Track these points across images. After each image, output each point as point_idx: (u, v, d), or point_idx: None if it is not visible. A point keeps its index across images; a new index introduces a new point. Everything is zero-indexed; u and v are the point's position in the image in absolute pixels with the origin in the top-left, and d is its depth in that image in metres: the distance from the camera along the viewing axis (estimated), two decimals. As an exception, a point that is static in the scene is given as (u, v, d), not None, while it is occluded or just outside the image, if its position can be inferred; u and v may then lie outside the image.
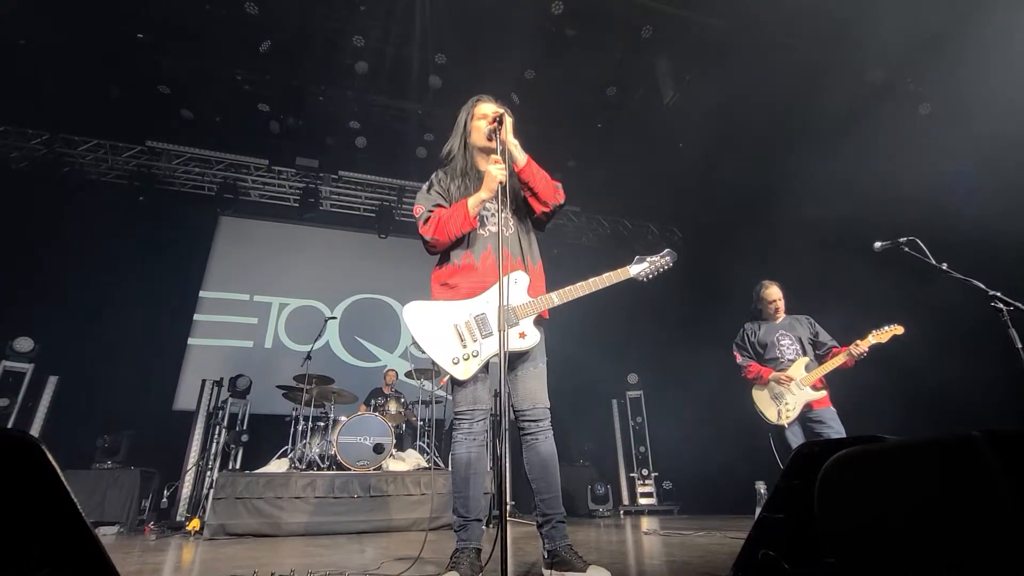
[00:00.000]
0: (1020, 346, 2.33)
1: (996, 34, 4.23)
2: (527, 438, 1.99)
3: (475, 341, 1.92)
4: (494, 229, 2.08)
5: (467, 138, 2.20)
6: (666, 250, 2.16)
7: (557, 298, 1.97)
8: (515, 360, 2.03)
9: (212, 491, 4.28)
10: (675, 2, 5.21)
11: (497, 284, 1.98)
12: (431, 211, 2.07)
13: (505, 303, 1.64)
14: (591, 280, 2.02)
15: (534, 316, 1.96)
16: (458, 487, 1.95)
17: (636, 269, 2.10)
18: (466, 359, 1.90)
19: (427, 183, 2.19)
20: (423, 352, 1.93)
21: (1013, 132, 4.11)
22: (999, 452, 0.64)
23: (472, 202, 1.99)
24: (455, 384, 1.99)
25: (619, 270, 2.07)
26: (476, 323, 1.95)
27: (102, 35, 5.46)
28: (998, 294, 2.50)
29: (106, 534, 4.79)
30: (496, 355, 1.91)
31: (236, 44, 5.67)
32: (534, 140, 7.63)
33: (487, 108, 2.19)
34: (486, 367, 2.00)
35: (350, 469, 4.52)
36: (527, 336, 1.92)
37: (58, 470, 0.84)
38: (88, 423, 5.63)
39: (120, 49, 5.64)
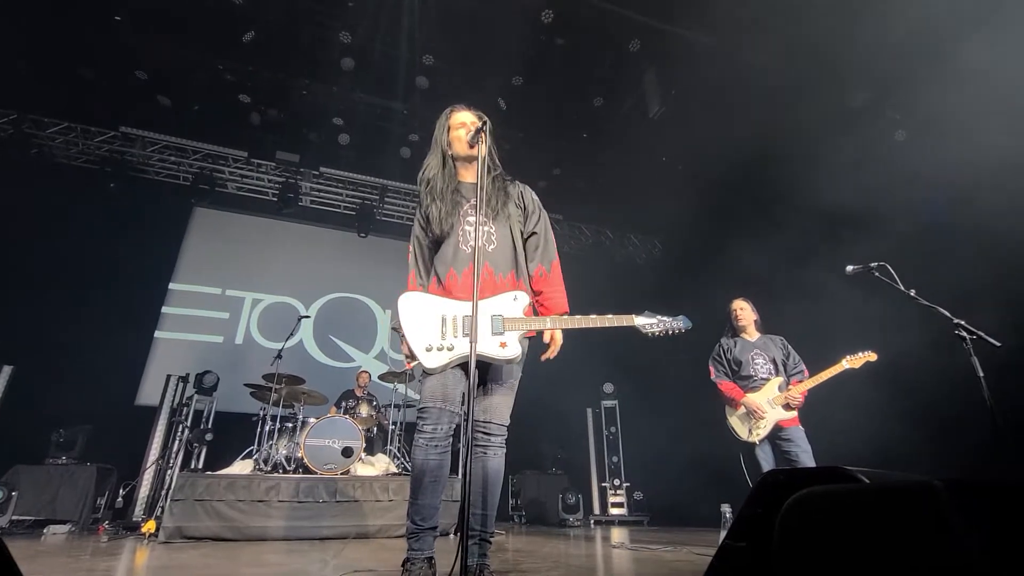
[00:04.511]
0: (982, 375, 2.38)
1: (972, 65, 4.35)
2: (476, 449, 1.95)
3: (455, 336, 1.88)
4: (479, 244, 2.03)
5: (446, 150, 2.15)
6: (681, 316, 2.07)
7: (551, 323, 1.97)
8: (490, 370, 1.99)
9: (171, 491, 4.13)
10: (663, 18, 5.27)
11: (495, 297, 1.96)
12: (410, 249, 2.22)
13: (471, 316, 1.64)
14: (592, 316, 2.00)
15: (522, 333, 1.92)
16: (414, 493, 1.89)
17: (642, 321, 2.04)
18: (439, 349, 1.87)
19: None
20: (401, 334, 1.92)
21: (986, 161, 4.23)
22: (959, 502, 0.63)
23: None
24: (425, 373, 1.93)
25: (624, 316, 2.02)
26: (463, 321, 1.91)
27: (77, 15, 5.27)
28: (962, 323, 2.54)
29: (56, 533, 4.59)
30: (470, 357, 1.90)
31: (218, 32, 5.53)
32: (520, 146, 7.63)
33: (464, 116, 2.15)
34: (464, 368, 1.95)
35: (317, 472, 4.41)
36: (507, 347, 1.88)
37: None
38: (43, 416, 5.38)
39: (96, 31, 5.45)
